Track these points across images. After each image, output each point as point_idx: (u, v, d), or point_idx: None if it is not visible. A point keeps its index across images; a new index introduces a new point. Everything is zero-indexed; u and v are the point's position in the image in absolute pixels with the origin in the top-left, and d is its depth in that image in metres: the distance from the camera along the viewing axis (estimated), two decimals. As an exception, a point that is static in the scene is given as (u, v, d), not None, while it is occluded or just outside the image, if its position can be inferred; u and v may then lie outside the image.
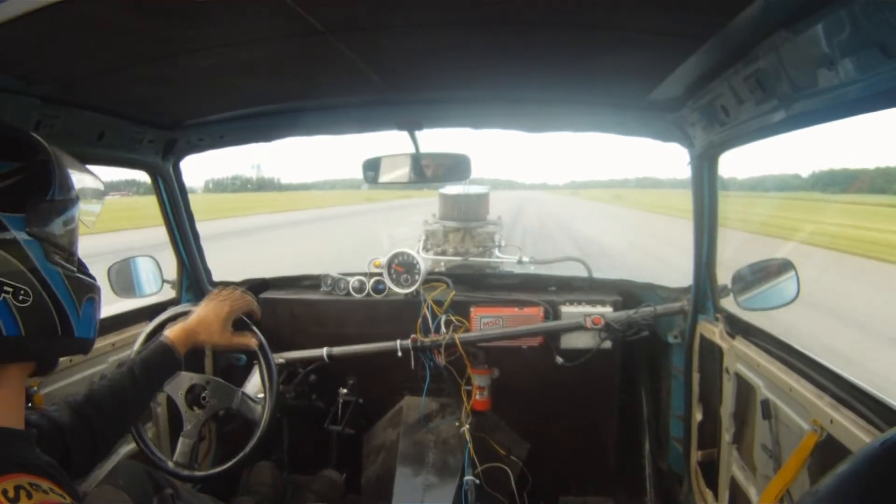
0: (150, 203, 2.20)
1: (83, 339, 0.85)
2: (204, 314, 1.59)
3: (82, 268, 0.86)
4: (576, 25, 1.12)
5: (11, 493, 0.63)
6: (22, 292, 0.73)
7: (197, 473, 1.61)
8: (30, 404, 1.42)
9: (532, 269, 3.70)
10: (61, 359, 1.00)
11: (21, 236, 0.74)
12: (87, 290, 0.84)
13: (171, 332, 1.49)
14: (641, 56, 1.27)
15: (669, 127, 1.76)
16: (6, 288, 0.72)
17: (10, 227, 0.73)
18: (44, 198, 0.77)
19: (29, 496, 0.64)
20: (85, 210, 0.89)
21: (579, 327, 2.07)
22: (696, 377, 1.96)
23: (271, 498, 2.17)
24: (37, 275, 0.75)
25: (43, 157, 0.79)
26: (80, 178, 0.89)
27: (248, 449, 1.60)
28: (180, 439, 1.63)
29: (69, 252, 0.82)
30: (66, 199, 0.81)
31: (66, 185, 0.82)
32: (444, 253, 4.89)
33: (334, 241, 17.42)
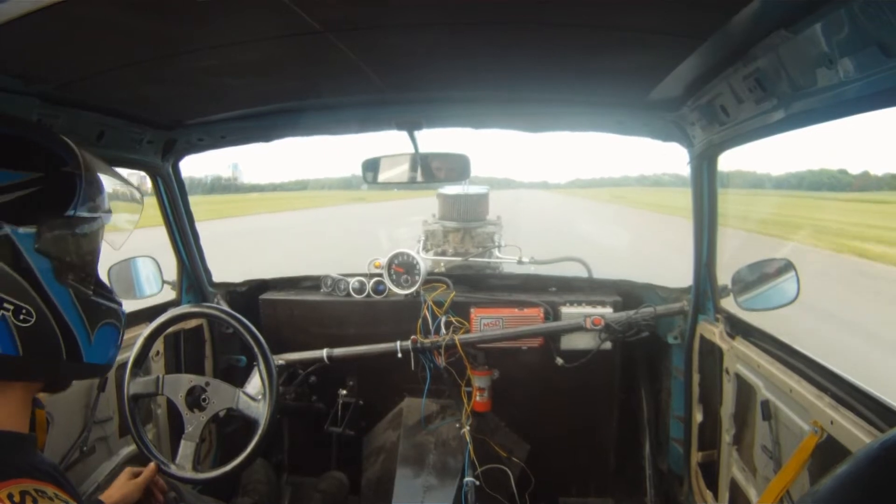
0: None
1: (95, 365, 0.81)
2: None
3: (101, 290, 0.82)
4: (575, 25, 1.12)
5: (17, 498, 0.63)
6: (24, 311, 0.70)
7: (199, 476, 1.61)
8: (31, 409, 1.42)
9: (532, 270, 3.70)
10: None
11: (28, 252, 0.70)
12: (104, 316, 0.80)
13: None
14: (641, 56, 1.27)
15: (669, 126, 1.75)
16: (6, 305, 0.69)
17: (17, 241, 0.69)
18: (61, 213, 0.74)
19: (35, 501, 0.63)
20: (113, 227, 0.85)
21: (579, 328, 2.07)
22: (696, 378, 1.96)
23: (268, 496, 2.17)
24: (42, 294, 0.72)
25: (70, 170, 0.75)
26: (116, 191, 0.85)
27: (249, 450, 1.59)
28: (182, 442, 1.62)
29: (86, 273, 0.78)
30: (87, 217, 0.77)
31: (93, 201, 0.78)
32: (443, 253, 4.88)
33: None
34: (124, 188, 0.94)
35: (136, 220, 0.99)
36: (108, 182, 0.84)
